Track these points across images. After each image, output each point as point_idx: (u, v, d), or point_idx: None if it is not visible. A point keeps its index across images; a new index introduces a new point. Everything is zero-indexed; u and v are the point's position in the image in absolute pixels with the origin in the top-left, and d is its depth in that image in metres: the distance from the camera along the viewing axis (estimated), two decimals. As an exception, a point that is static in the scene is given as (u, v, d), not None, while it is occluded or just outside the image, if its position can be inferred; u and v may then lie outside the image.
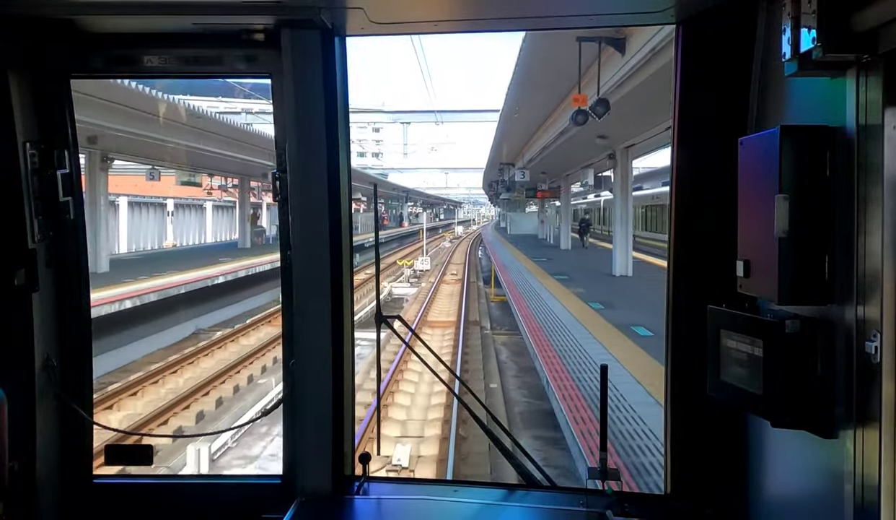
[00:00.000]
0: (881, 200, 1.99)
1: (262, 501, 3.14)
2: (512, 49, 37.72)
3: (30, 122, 2.99)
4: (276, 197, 3.12)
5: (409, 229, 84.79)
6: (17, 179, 2.92)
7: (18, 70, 2.94)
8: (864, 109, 2.03)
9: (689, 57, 2.87)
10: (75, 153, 3.13)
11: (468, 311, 28.45)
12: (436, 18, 3.06)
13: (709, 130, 2.86)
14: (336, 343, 3.10)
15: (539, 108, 28.85)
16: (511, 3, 3.03)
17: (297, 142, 3.00)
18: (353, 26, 3.00)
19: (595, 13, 3.13)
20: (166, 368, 18.32)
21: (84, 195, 3.29)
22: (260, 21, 2.94)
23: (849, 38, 1.96)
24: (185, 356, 19.65)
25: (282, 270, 3.16)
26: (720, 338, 2.46)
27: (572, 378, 13.41)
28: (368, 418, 12.98)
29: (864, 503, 2.05)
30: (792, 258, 2.14)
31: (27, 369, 3.00)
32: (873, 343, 2.00)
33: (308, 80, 2.97)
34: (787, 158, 2.14)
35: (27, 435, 2.99)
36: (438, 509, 3.13)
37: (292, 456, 3.16)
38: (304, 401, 3.10)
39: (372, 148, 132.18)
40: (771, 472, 2.64)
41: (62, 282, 3.16)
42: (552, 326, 18.86)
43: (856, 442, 2.07)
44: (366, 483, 3.17)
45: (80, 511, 3.22)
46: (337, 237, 3.07)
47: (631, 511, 2.92)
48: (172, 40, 3.08)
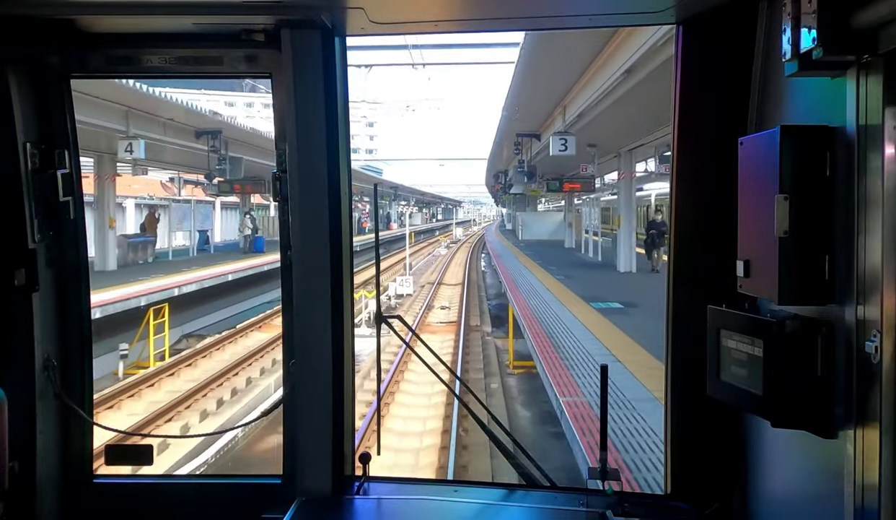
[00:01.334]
0: (881, 200, 1.99)
1: (262, 501, 3.14)
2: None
3: (30, 122, 2.99)
4: (276, 197, 3.12)
5: (397, 233, 68.75)
6: (17, 179, 2.92)
7: (18, 70, 2.94)
8: (864, 109, 2.03)
9: (689, 57, 2.87)
10: (75, 153, 3.13)
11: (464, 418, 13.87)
12: (436, 18, 3.06)
13: (709, 130, 2.85)
14: (336, 343, 3.10)
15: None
16: (511, 3, 3.03)
17: (297, 142, 3.00)
18: (353, 26, 3.00)
19: (595, 13, 3.13)
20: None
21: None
22: (260, 21, 2.94)
23: (849, 38, 1.96)
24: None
25: (282, 270, 3.16)
26: (720, 338, 2.46)
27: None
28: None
29: (864, 503, 2.05)
30: (792, 258, 2.14)
31: (27, 369, 3.00)
32: (873, 343, 2.00)
33: (308, 80, 2.97)
34: (787, 158, 2.14)
35: (27, 435, 2.99)
36: (438, 509, 3.13)
37: (292, 456, 3.15)
38: (304, 401, 3.10)
39: (365, 144, 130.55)
40: (771, 472, 2.64)
41: (62, 282, 3.16)
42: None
43: (856, 442, 2.07)
44: (366, 483, 3.17)
45: (80, 511, 3.22)
46: (337, 237, 3.07)
47: (631, 511, 2.92)
48: (172, 40, 3.08)
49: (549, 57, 19.90)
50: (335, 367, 3.09)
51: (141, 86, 22.56)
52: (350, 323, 3.19)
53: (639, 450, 8.82)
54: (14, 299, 2.98)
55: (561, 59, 19.88)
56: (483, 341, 22.91)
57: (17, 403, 2.78)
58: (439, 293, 33.40)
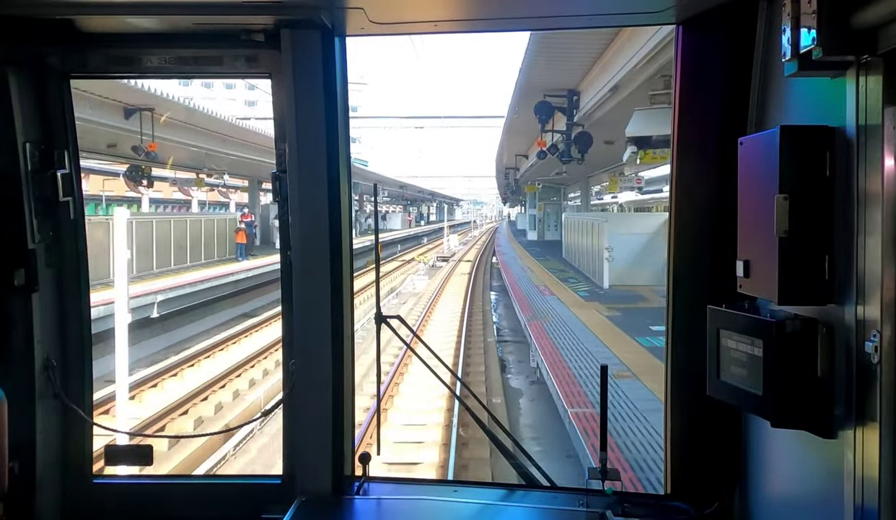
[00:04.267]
0: (881, 200, 1.99)
1: (262, 501, 3.14)
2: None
3: (30, 122, 2.99)
4: (276, 197, 3.12)
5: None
6: (17, 179, 2.92)
7: (18, 70, 2.94)
8: (864, 109, 2.03)
9: (690, 57, 2.87)
10: (75, 153, 3.14)
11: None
12: (436, 18, 3.06)
13: (709, 130, 2.86)
14: (336, 343, 3.10)
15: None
16: (511, 3, 3.04)
17: (297, 142, 3.00)
18: (353, 26, 3.00)
19: (595, 13, 3.13)
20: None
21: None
22: (260, 21, 2.94)
23: (849, 38, 1.96)
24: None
25: (282, 270, 3.16)
26: (720, 338, 2.46)
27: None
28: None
29: (864, 503, 2.05)
30: (792, 258, 2.14)
31: (27, 369, 3.00)
32: (873, 343, 2.00)
33: (308, 80, 2.97)
34: (787, 158, 2.14)
35: (27, 435, 2.99)
36: (438, 509, 3.13)
37: (292, 456, 3.16)
38: (304, 401, 3.10)
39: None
40: (771, 472, 2.64)
41: (62, 282, 3.16)
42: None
43: (856, 442, 2.07)
44: (366, 483, 3.17)
45: (80, 511, 3.22)
46: (337, 237, 3.07)
47: (631, 511, 2.92)
48: (172, 40, 3.08)
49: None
50: (335, 367, 3.09)
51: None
52: (350, 323, 3.19)
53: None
54: (14, 299, 2.98)
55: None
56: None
57: (17, 403, 2.78)
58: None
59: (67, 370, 3.18)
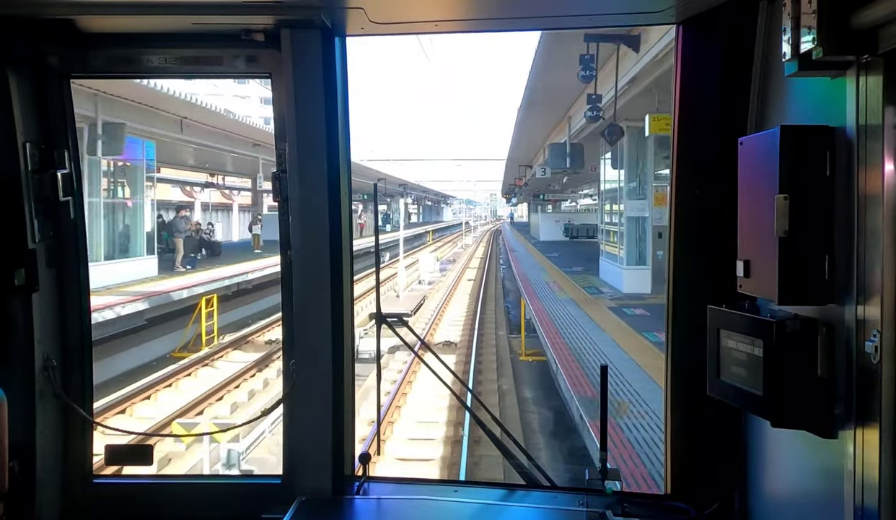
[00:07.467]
0: (881, 199, 1.99)
1: (262, 501, 3.14)
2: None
3: (30, 122, 2.99)
4: (277, 197, 3.12)
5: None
6: (17, 179, 2.92)
7: (18, 70, 2.94)
8: (864, 109, 2.03)
9: (690, 57, 2.87)
10: (75, 153, 3.13)
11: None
12: (436, 18, 3.06)
13: (709, 130, 2.86)
14: (336, 343, 3.09)
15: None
16: (511, 3, 3.04)
17: (297, 142, 3.00)
18: (353, 26, 3.00)
19: (595, 13, 3.13)
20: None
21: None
22: (260, 21, 2.94)
23: (849, 38, 1.96)
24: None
25: (282, 270, 3.16)
26: (720, 338, 2.45)
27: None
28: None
29: (864, 503, 2.05)
30: (792, 258, 2.14)
31: (27, 369, 3.00)
32: (873, 343, 2.00)
33: (308, 80, 2.97)
34: (787, 158, 2.13)
35: (27, 435, 2.99)
36: (439, 509, 3.13)
37: (292, 456, 3.15)
38: (304, 401, 3.10)
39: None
40: (771, 472, 2.64)
41: (62, 282, 3.16)
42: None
43: (856, 442, 2.07)
44: (366, 483, 3.17)
45: (80, 511, 3.22)
46: (337, 237, 3.07)
47: (631, 511, 2.92)
48: (172, 40, 3.08)
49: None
50: (335, 367, 3.09)
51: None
52: (350, 323, 3.19)
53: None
54: (14, 299, 2.97)
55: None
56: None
57: (17, 403, 2.78)
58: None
59: (67, 370, 3.18)
